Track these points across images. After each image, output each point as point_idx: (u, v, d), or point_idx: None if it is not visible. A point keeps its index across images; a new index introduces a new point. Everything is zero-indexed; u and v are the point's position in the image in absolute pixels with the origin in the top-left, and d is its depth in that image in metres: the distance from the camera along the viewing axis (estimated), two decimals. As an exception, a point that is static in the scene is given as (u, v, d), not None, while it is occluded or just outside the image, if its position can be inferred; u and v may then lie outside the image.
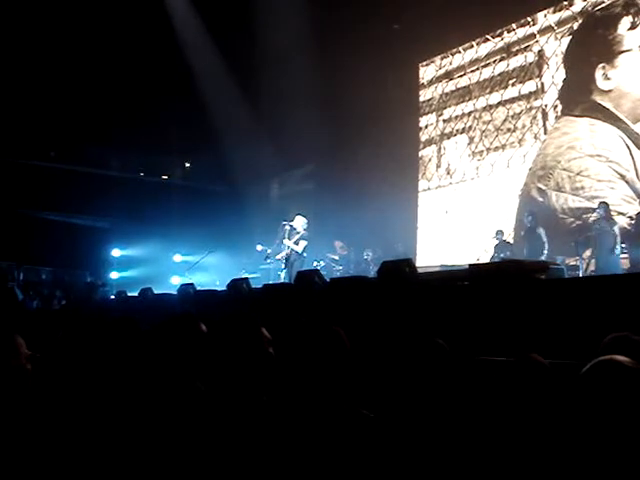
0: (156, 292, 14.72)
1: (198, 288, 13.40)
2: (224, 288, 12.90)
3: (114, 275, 21.91)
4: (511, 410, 2.72)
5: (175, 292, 13.77)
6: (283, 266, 14.47)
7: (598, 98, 14.89)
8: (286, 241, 14.41)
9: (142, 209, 20.96)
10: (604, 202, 12.91)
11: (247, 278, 12.07)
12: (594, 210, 13.34)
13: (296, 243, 14.32)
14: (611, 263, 12.27)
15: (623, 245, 12.61)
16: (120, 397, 3.14)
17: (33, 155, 21.03)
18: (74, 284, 19.86)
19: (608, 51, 14.78)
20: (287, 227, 14.45)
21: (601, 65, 14.86)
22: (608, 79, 14.77)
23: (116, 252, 22.16)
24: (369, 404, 2.64)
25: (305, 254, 14.35)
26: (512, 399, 2.73)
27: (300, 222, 14.47)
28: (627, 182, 14.11)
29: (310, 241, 14.52)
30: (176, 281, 19.26)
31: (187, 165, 24.96)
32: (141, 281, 17.19)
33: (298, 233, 14.40)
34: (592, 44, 15.26)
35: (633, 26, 14.36)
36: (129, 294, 16.24)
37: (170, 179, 24.32)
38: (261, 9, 18.47)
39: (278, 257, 14.75)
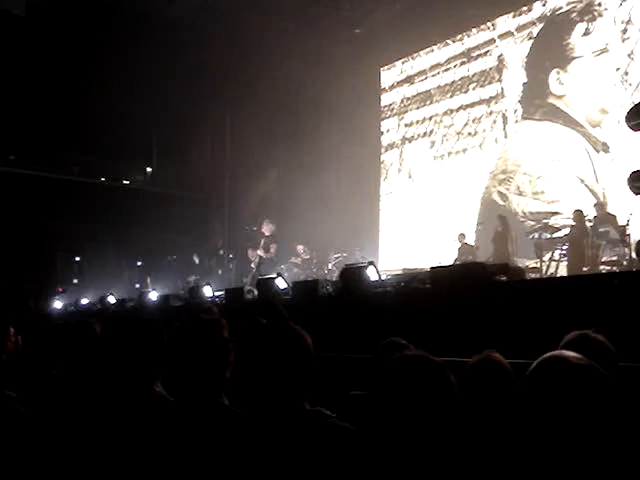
0: (117, 298, 14.65)
1: (160, 293, 13.37)
2: (186, 293, 12.90)
3: (75, 281, 21.68)
4: (472, 410, 2.73)
5: (136, 298, 13.74)
6: (254, 270, 14.64)
7: (566, 96, 15.06)
8: (259, 251, 14.66)
9: (103, 214, 20.76)
10: (578, 210, 12.93)
11: (209, 282, 12.09)
12: (554, 214, 13.53)
13: (266, 249, 14.54)
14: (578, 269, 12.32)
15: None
16: (78, 400, 3.10)
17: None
18: (35, 291, 19.59)
19: (562, 56, 15.03)
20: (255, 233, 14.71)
21: (555, 70, 15.10)
22: (561, 84, 15.01)
23: (77, 258, 21.93)
24: (330, 406, 2.63)
25: (275, 257, 14.61)
26: (471, 399, 2.74)
27: (268, 228, 14.68)
28: (587, 186, 14.28)
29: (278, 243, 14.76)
30: (138, 287, 19.13)
31: (149, 170, 24.75)
32: (103, 287, 17.01)
33: (267, 237, 14.62)
34: (548, 49, 15.49)
35: (587, 33, 14.59)
36: (90, 300, 16.15)
37: (131, 184, 24.09)
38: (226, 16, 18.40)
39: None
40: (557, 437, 1.73)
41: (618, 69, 14.00)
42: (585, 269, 12.16)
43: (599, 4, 14.46)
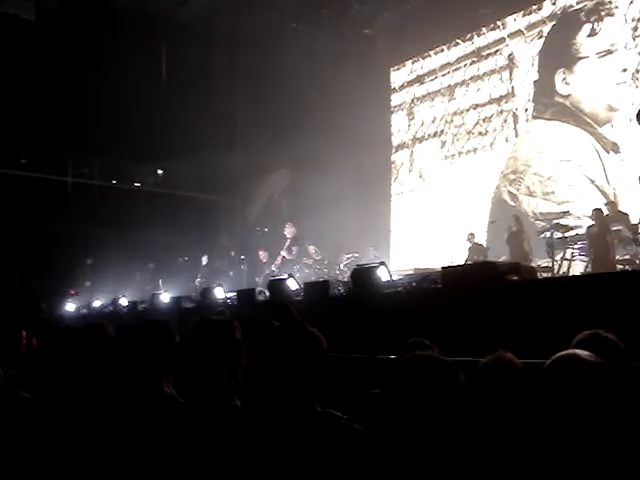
0: (129, 300, 14.69)
1: (172, 295, 13.39)
2: (198, 295, 12.93)
3: (87, 283, 21.74)
4: (485, 410, 2.72)
5: (148, 300, 13.76)
6: (277, 271, 14.82)
7: (563, 102, 15.08)
8: (283, 252, 14.89)
9: (115, 216, 20.80)
10: (597, 208, 12.80)
11: (220, 284, 12.09)
12: (564, 214, 13.52)
13: (289, 251, 14.72)
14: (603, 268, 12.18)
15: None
16: (90, 402, 3.11)
17: (3, 163, 20.84)
18: (47, 293, 19.66)
19: (568, 56, 15.01)
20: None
21: (561, 70, 15.08)
22: (567, 84, 14.99)
23: (89, 260, 21.98)
24: (342, 409, 2.63)
25: (296, 259, 15.10)
26: (484, 398, 2.73)
27: (290, 230, 14.92)
28: (597, 187, 14.22)
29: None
30: (150, 289, 19.16)
31: (159, 172, 24.80)
32: (115, 290, 17.07)
33: (289, 239, 14.87)
34: (556, 48, 15.46)
35: (592, 33, 14.57)
36: (102, 302, 16.19)
37: (142, 186, 24.16)
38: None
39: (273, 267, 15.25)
40: (571, 434, 1.73)
41: (625, 70, 13.95)
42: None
43: (610, 2, 14.42)
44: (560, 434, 1.75)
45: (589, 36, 14.67)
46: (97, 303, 16.53)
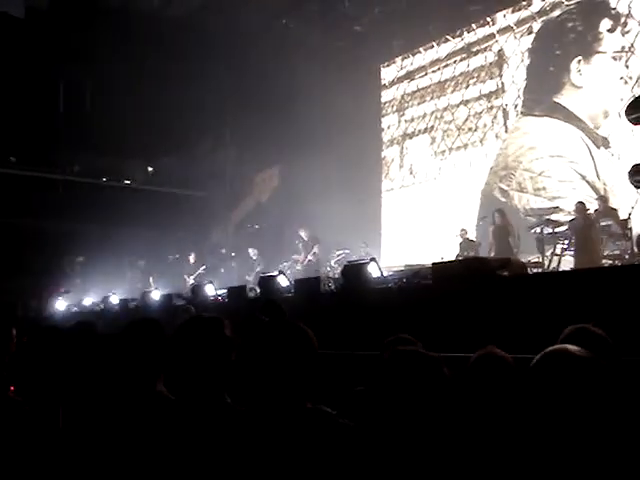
0: (120, 298, 14.67)
1: (163, 293, 13.38)
2: (189, 292, 12.93)
3: (78, 281, 21.69)
4: (476, 405, 2.73)
5: (139, 297, 13.76)
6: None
7: (568, 92, 14.93)
8: (310, 256, 15.49)
9: (105, 214, 20.77)
10: (580, 202, 12.81)
11: (211, 281, 12.11)
12: (555, 209, 13.53)
13: (313, 254, 15.40)
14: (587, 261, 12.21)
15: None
16: (81, 400, 3.11)
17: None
18: (37, 292, 19.60)
19: (587, 47, 14.76)
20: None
21: (578, 59, 14.89)
22: (581, 75, 14.83)
23: (79, 258, 21.93)
24: (333, 405, 2.64)
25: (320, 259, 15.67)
26: (474, 394, 2.74)
27: (305, 233, 15.16)
28: (588, 182, 14.24)
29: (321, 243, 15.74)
30: (141, 287, 19.12)
31: (150, 169, 24.76)
32: (105, 287, 17.03)
33: (306, 242, 15.11)
34: (571, 36, 15.20)
35: (612, 29, 14.42)
36: (93, 300, 16.17)
37: (133, 183, 24.12)
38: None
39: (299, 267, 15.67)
40: (562, 429, 1.74)
41: (628, 76, 13.86)
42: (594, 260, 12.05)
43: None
44: (551, 428, 1.76)
45: (609, 31, 14.46)
46: (88, 301, 16.51)
